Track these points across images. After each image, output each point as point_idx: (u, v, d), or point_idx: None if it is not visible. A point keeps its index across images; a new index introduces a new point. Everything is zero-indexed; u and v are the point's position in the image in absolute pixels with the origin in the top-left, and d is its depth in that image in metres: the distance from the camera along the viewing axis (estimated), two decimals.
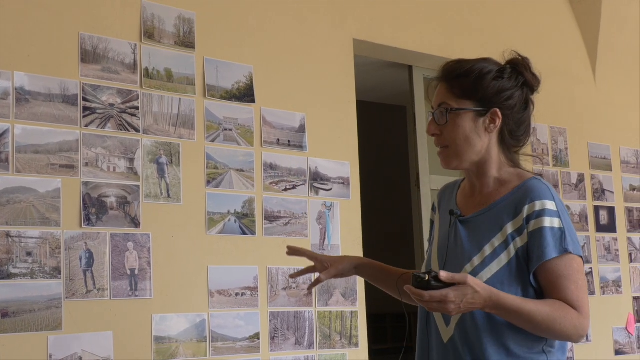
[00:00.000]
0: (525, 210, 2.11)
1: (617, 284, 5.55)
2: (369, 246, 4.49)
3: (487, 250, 2.13)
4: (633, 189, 5.84)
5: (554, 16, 5.66)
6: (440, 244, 2.27)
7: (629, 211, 5.77)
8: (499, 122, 2.20)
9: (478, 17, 5.14)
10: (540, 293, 2.13)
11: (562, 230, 2.10)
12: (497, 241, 2.13)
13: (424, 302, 1.98)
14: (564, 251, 2.09)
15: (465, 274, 2.03)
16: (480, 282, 2.01)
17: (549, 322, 2.04)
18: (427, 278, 1.97)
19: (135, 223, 3.48)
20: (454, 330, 2.13)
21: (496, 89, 2.20)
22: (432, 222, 2.46)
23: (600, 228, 5.55)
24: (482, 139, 2.20)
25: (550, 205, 2.12)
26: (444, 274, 1.96)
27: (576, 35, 5.76)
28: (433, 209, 2.47)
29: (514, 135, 2.25)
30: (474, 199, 2.27)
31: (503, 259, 2.11)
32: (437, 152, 2.27)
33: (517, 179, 2.22)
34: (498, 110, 2.20)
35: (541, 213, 2.10)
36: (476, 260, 2.13)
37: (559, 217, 2.12)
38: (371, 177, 5.55)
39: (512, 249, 2.11)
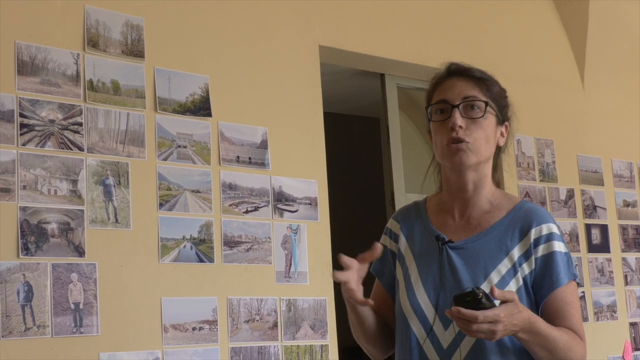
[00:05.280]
0: (533, 233, 2.19)
1: (612, 308, 5.57)
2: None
3: (495, 277, 2.16)
4: (627, 204, 5.89)
5: (538, 18, 5.72)
6: (425, 273, 2.24)
7: (623, 229, 5.81)
8: (506, 136, 2.30)
9: (455, 21, 5.16)
10: None
11: (568, 256, 2.20)
12: (503, 268, 2.18)
13: (474, 325, 1.93)
14: (573, 277, 2.20)
15: (512, 291, 2.09)
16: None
17: (567, 350, 2.11)
18: (479, 296, 1.95)
19: (80, 252, 3.46)
20: (463, 356, 2.12)
21: (509, 107, 2.32)
22: (385, 250, 2.38)
23: (592, 248, 5.58)
24: (493, 147, 2.26)
25: (555, 229, 2.21)
26: (498, 291, 1.97)
27: (562, 39, 5.81)
28: (390, 235, 2.41)
29: (499, 156, 2.34)
30: (460, 222, 2.29)
31: (512, 287, 2.15)
32: (448, 149, 2.20)
33: (507, 201, 2.29)
34: (508, 125, 2.31)
35: (550, 237, 2.19)
36: (484, 289, 2.11)
37: (563, 241, 2.22)
38: (341, 197, 5.55)
39: (519, 276, 2.17)
